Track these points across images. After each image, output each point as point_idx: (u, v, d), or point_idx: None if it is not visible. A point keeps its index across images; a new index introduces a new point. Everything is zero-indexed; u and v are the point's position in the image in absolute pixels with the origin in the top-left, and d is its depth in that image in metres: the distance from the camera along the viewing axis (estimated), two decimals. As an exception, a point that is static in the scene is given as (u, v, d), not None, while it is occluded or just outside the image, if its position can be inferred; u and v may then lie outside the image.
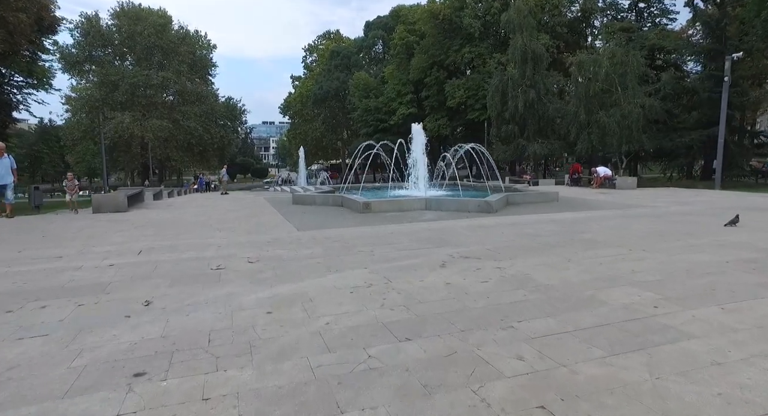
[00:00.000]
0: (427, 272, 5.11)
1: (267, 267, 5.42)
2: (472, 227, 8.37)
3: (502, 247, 6.48)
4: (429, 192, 13.79)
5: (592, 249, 6.21)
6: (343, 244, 6.91)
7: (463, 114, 39.10)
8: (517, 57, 29.35)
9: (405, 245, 6.76)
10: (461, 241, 7.00)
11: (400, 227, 8.63)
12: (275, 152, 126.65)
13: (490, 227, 8.35)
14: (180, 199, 19.69)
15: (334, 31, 72.02)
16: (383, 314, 3.71)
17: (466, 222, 9.07)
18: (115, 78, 43.00)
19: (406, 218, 9.76)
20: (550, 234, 7.50)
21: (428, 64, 40.78)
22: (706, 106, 25.53)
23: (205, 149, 52.64)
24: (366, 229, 8.42)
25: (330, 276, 4.99)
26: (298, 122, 67.05)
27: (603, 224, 8.54)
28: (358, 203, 10.63)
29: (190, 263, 5.68)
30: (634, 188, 17.72)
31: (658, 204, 12.01)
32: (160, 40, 46.42)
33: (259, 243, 7.06)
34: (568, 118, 27.76)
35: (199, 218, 10.42)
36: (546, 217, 9.66)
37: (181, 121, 47.13)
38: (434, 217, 9.90)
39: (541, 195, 12.61)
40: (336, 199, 12.31)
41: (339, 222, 9.41)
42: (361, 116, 45.97)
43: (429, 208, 10.99)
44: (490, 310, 3.77)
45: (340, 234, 7.87)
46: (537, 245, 6.62)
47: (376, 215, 10.22)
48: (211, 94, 53.91)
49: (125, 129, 41.90)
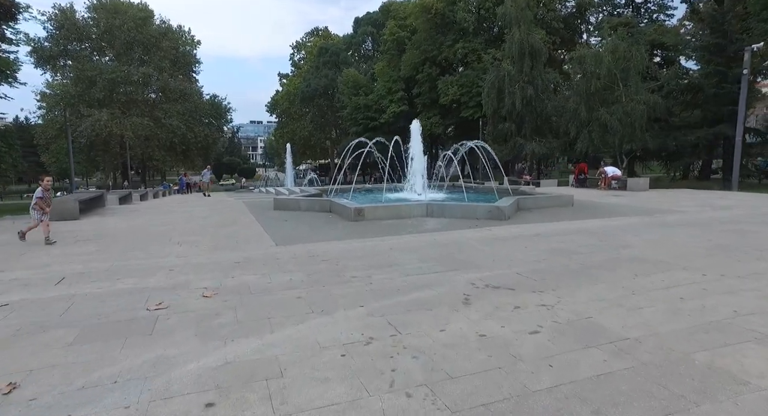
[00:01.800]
0: (447, 313, 3.69)
1: (227, 306, 3.95)
2: (487, 240, 6.95)
3: (536, 270, 5.07)
4: (428, 195, 12.37)
5: (652, 273, 4.83)
6: (331, 265, 5.45)
7: (456, 112, 37.72)
8: (514, 52, 28.01)
9: (410, 266, 5.33)
10: (480, 260, 5.59)
11: (400, 239, 7.19)
12: (263, 152, 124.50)
13: (509, 240, 6.94)
14: (152, 202, 18.02)
15: (322, 28, 70.44)
16: (395, 408, 2.27)
17: (478, 233, 7.66)
18: (93, 74, 40.84)
19: (405, 228, 8.32)
20: (586, 250, 6.12)
21: (420, 61, 39.32)
22: (711, 103, 24.45)
23: (189, 149, 50.70)
24: (360, 243, 6.97)
25: (313, 321, 3.54)
26: (285, 120, 65.34)
27: (642, 235, 7.19)
28: (349, 209, 9.16)
29: (121, 299, 4.17)
30: (646, 189, 16.48)
31: (687, 208, 10.72)
32: (141, 34, 44.41)
33: (224, 265, 5.57)
34: (567, 115, 26.51)
35: (161, 227, 8.87)
36: (569, 226, 8.28)
37: (163, 119, 45.18)
38: (438, 226, 8.48)
39: (554, 199, 11.25)
40: (324, 204, 10.82)
41: (327, 233, 7.94)
42: (351, 114, 44.41)
43: (431, 214, 9.57)
44: (566, 396, 2.35)
45: (328, 250, 6.41)
46: (577, 266, 5.23)
47: (370, 224, 8.77)
48: (195, 91, 51.92)
49: (103, 127, 39.85)
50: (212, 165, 79.10)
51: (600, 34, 34.25)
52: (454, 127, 42.03)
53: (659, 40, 30.23)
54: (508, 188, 12.73)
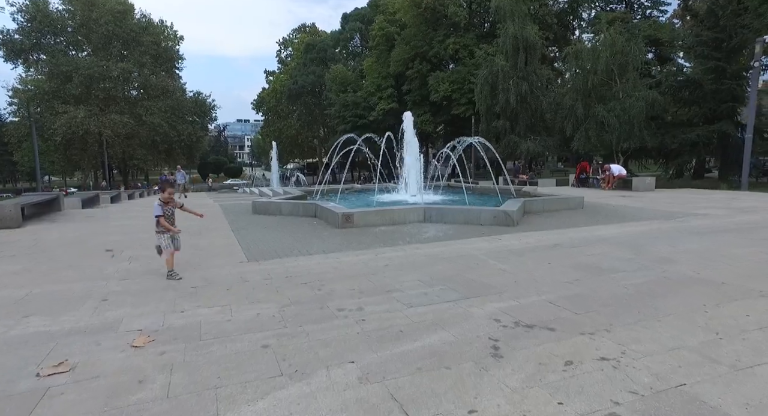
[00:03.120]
0: (473, 375, 2.58)
1: (160, 365, 2.78)
2: (500, 254, 5.85)
3: (572, 297, 3.99)
4: (424, 196, 11.25)
5: (723, 301, 3.78)
6: (312, 291, 4.31)
7: (447, 109, 36.68)
8: (508, 46, 27.04)
9: (413, 292, 4.21)
10: (498, 282, 4.49)
11: (396, 252, 6.06)
12: (250, 151, 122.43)
13: (527, 253, 5.85)
14: (123, 205, 16.62)
15: (309, 25, 68.98)
16: None
17: (487, 243, 6.56)
18: (68, 69, 38.98)
19: (402, 237, 7.20)
20: (622, 266, 5.06)
21: (410, 56, 38.15)
22: (710, 100, 23.75)
23: (172, 147, 49.01)
24: (349, 257, 5.83)
25: (281, 393, 2.41)
26: (272, 118, 63.77)
27: (679, 245, 6.15)
28: (337, 214, 8.00)
29: (9, 355, 2.97)
30: (652, 189, 15.55)
31: (708, 211, 9.74)
32: (120, 28, 42.60)
33: (176, 291, 4.39)
34: (563, 112, 25.63)
35: (114, 237, 7.62)
36: (589, 234, 7.23)
37: (144, 116, 43.45)
38: (439, 234, 7.37)
39: (562, 201, 10.21)
40: (308, 208, 9.64)
41: (310, 244, 6.79)
42: (339, 111, 43.13)
43: (429, 220, 8.46)
44: None
45: (310, 268, 5.26)
46: (621, 291, 4.16)
47: (361, 232, 7.64)
48: (178, 88, 50.17)
49: (79, 125, 38.06)
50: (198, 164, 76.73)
51: (594, 30, 33.52)
52: (445, 125, 41.01)
53: (654, 35, 29.55)
54: (511, 188, 11.68)
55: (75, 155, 42.32)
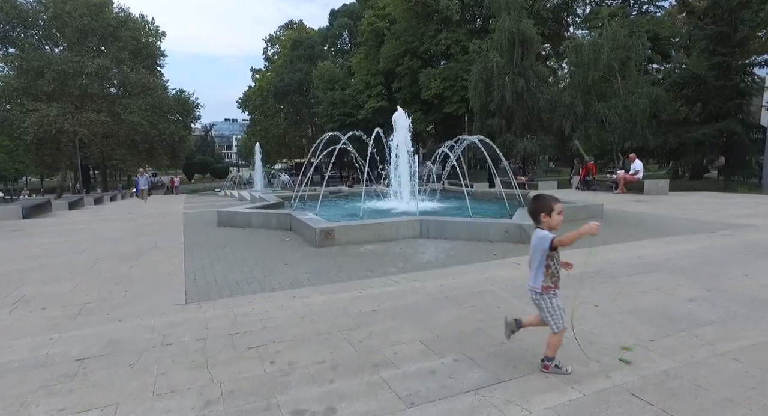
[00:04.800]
0: None
1: None
2: (524, 288, 4.41)
3: (658, 383, 2.56)
4: (418, 203, 9.77)
5: None
6: (261, 367, 2.83)
7: (439, 107, 35.27)
8: (504, 41, 25.60)
9: (412, 369, 2.75)
10: (537, 344, 3.04)
11: (387, 286, 4.59)
12: (237, 151, 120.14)
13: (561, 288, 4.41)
14: (77, 214, 14.97)
15: (297, 21, 67.21)
16: None
17: (503, 270, 5.13)
18: (40, 64, 36.88)
19: (393, 260, 5.74)
20: (704, 314, 3.65)
21: (400, 52, 36.61)
22: (715, 97, 22.62)
23: (153, 147, 46.95)
24: (323, 297, 4.35)
25: None
26: (258, 117, 61.95)
27: (757, 273, 4.76)
28: (314, 230, 6.51)
29: None
30: (666, 192, 14.24)
31: (755, 221, 8.31)
32: (96, 22, 40.53)
33: (54, 365, 2.88)
34: (561, 110, 24.35)
35: (28, 263, 6.04)
36: (628, 254, 5.81)
37: (123, 115, 41.44)
38: (441, 255, 5.92)
39: (580, 210, 8.78)
40: (282, 219, 8.11)
41: (276, 272, 5.30)
42: (326, 109, 41.50)
43: (426, 234, 7.00)
44: None
45: (267, 317, 3.77)
46: (736, 368, 2.74)
47: (342, 253, 6.16)
48: (159, 85, 48.12)
49: (52, 123, 36.00)
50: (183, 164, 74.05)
51: (590, 26, 32.34)
52: (436, 124, 39.63)
53: (653, 31, 28.42)
54: (518, 193, 10.25)
55: (48, 155, 40.18)
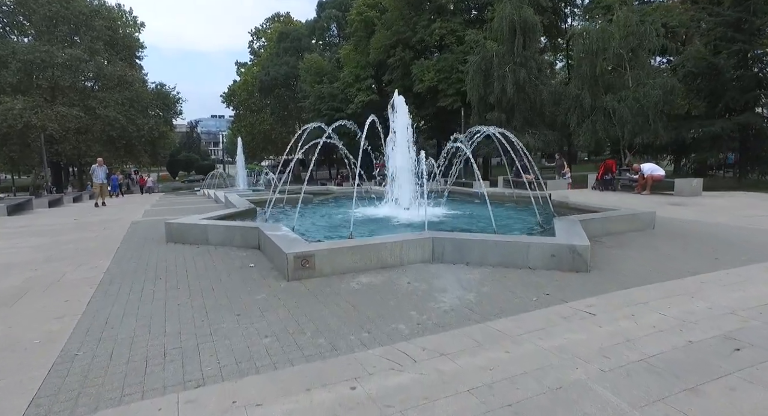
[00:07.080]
0: None
1: None
2: (630, 375, 2.55)
3: None
4: (421, 210, 7.88)
5: None
6: None
7: (432, 101, 33.39)
8: (504, 29, 23.80)
9: None
10: None
11: (397, 375, 2.69)
12: (223, 147, 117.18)
13: (685, 374, 2.57)
14: (9, 221, 12.86)
15: (284, 14, 64.89)
16: None
17: (583, 329, 3.27)
18: (3, 53, 34.30)
19: (399, 307, 3.85)
20: None
21: (392, 43, 34.62)
22: (732, 88, 21.04)
23: (131, 143, 44.41)
24: (285, 404, 2.44)
25: None
26: (243, 113, 59.56)
27: None
28: (286, 255, 4.61)
29: None
30: (700, 193, 12.55)
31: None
32: (66, 10, 37.93)
33: None
34: (567, 103, 22.63)
35: None
36: (743, 295, 4.02)
37: (98, 109, 38.94)
38: (468, 296, 4.06)
39: (626, 219, 6.95)
40: (248, 235, 6.16)
41: (219, 335, 3.39)
42: (314, 104, 39.41)
43: (439, 259, 5.13)
44: None
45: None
46: None
47: (323, 289, 4.27)
48: (138, 79, 45.57)
49: (17, 117, 33.48)
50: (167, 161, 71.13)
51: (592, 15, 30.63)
52: (429, 119, 37.71)
53: (662, 20, 26.81)
54: (549, 194, 8.41)
55: (15, 151, 37.55)
